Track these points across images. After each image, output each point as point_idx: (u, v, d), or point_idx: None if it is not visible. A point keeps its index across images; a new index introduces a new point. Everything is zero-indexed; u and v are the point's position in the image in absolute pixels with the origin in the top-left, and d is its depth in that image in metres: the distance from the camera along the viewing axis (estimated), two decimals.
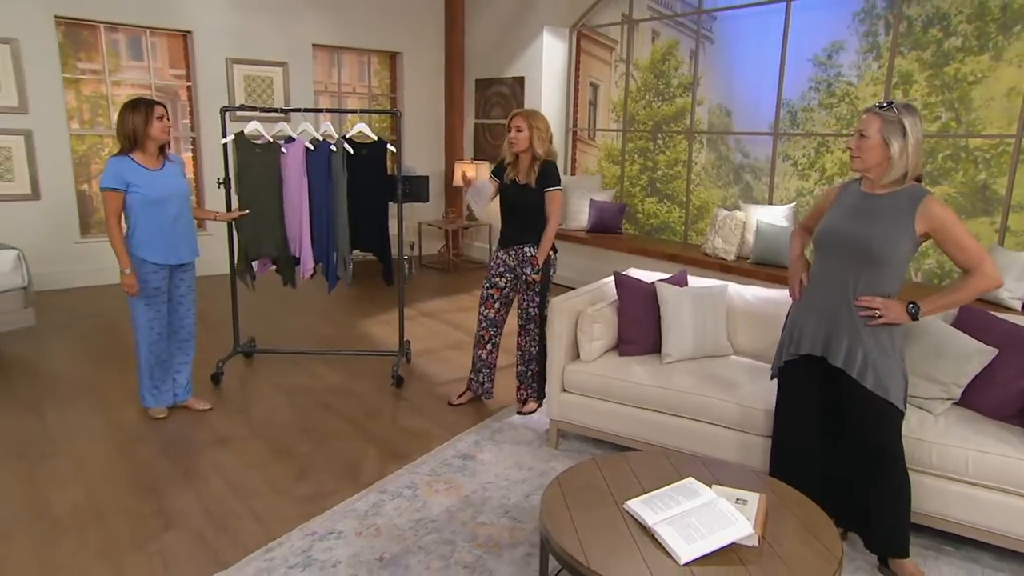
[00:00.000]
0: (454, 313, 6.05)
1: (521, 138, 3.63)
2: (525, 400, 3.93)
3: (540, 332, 3.79)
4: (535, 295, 3.76)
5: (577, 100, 7.72)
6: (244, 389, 4.27)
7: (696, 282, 3.71)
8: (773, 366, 2.72)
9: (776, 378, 2.72)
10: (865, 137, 2.34)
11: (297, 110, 4.45)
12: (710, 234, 5.94)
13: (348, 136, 4.22)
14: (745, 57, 6.17)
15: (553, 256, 3.80)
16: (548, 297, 3.74)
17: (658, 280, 3.57)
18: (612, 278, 3.67)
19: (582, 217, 6.99)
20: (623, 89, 7.20)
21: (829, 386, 2.53)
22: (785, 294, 3.37)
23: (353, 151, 4.18)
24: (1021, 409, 2.69)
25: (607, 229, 6.83)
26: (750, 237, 5.69)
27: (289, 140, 4.18)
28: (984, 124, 4.85)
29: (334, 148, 4.11)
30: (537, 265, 3.67)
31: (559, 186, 3.68)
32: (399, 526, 2.81)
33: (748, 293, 3.61)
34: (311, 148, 4.15)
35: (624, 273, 3.67)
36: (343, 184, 4.14)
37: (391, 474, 3.24)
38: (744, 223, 5.75)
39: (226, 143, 4.24)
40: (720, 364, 3.37)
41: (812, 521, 2.09)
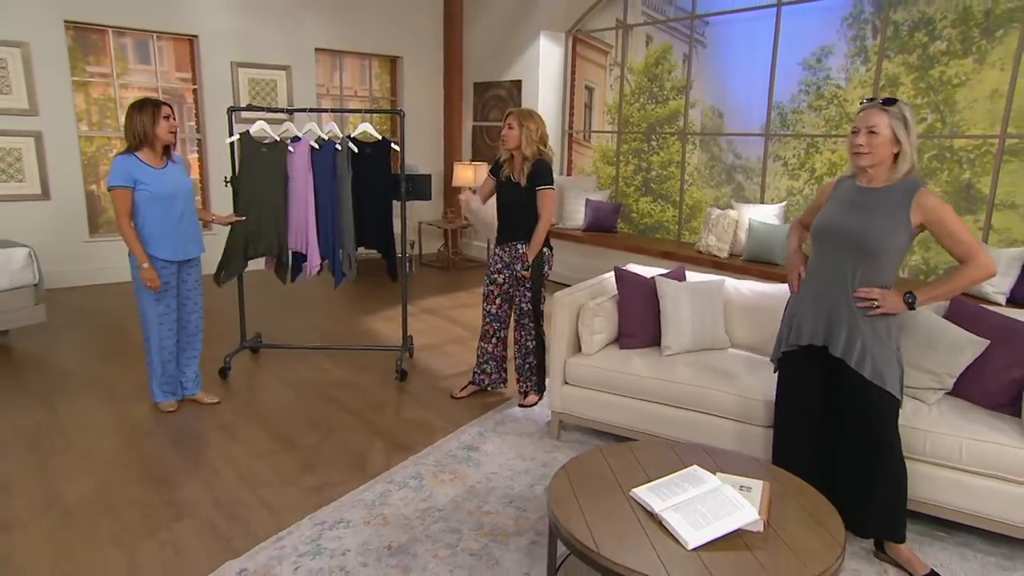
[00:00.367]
0: (454, 309, 6.11)
1: (511, 136, 3.68)
2: (526, 393, 3.99)
3: (536, 327, 3.86)
4: (527, 291, 3.81)
5: (573, 103, 7.80)
6: (251, 383, 4.32)
7: (694, 277, 3.77)
8: (773, 357, 2.78)
9: (777, 369, 2.77)
10: (875, 133, 2.38)
11: (302, 110, 4.49)
12: (704, 232, 6.02)
13: (353, 136, 4.27)
14: (737, 61, 6.26)
15: (548, 253, 3.84)
16: (543, 293, 3.80)
17: (658, 275, 3.63)
18: (612, 273, 3.73)
19: (578, 216, 7.07)
20: (618, 92, 7.28)
21: (828, 376, 2.59)
22: (780, 288, 3.45)
23: (358, 150, 4.23)
24: (1012, 398, 2.75)
25: (603, 228, 6.93)
26: (742, 235, 5.80)
27: (295, 139, 4.23)
28: (968, 125, 4.96)
29: (339, 147, 4.16)
30: (527, 262, 3.73)
31: (551, 185, 3.71)
32: (406, 515, 2.86)
33: (745, 287, 3.66)
34: (316, 147, 4.20)
35: (624, 268, 3.73)
36: (348, 182, 4.19)
37: (397, 465, 3.29)
38: (737, 222, 5.85)
39: (232, 141, 4.30)
40: (718, 356, 3.43)
41: (815, 508, 2.13)
